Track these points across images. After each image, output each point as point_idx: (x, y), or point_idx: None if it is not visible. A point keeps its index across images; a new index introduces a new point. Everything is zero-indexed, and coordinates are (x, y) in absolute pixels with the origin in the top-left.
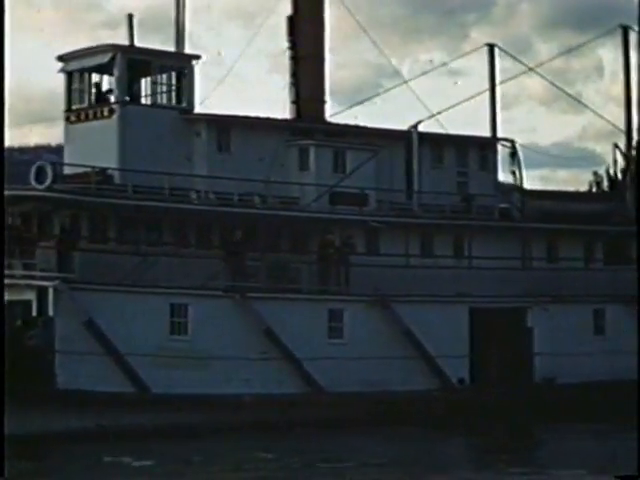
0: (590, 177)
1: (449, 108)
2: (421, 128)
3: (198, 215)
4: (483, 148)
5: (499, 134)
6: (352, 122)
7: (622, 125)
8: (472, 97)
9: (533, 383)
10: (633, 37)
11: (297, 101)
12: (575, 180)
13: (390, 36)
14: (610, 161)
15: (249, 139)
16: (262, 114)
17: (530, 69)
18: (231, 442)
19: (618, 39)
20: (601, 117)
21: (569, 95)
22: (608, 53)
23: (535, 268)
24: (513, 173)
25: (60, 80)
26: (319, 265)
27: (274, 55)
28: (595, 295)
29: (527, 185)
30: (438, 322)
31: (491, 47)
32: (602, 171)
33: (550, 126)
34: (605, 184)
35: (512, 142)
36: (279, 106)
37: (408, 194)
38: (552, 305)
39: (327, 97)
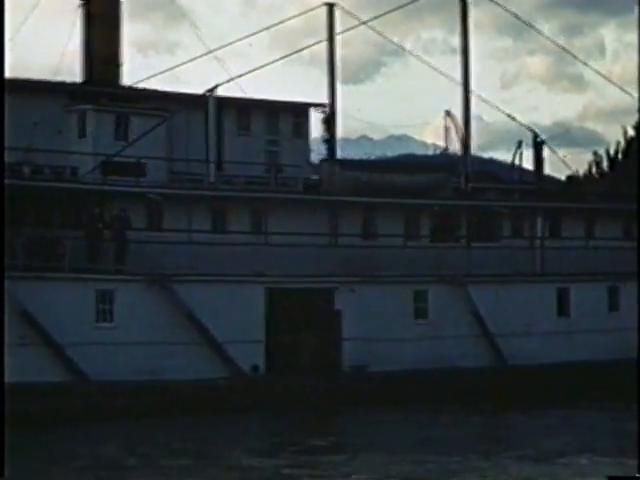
0: (590, 157)
1: (250, 72)
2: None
3: None
4: (297, 115)
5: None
6: None
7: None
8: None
9: (340, 371)
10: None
11: (89, 63)
12: (575, 160)
13: (391, 14)
14: (610, 141)
15: (24, 104)
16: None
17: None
18: None
19: (620, 19)
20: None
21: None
22: (611, 32)
23: (346, 245)
24: (326, 141)
25: None
26: (87, 242)
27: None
28: (416, 275)
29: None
30: (228, 304)
31: (330, 6)
32: (602, 151)
33: (551, 105)
34: (605, 164)
35: (324, 107)
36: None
37: (217, 164)
38: (363, 286)
39: (124, 60)
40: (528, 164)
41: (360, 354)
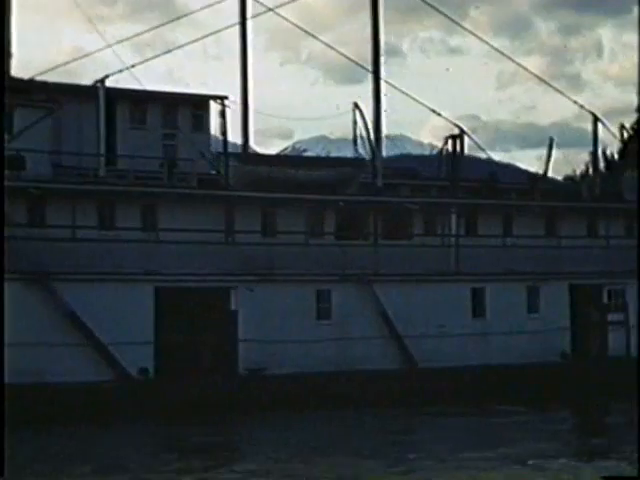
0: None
1: (145, 61)
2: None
3: None
4: (197, 107)
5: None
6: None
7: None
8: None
9: (235, 374)
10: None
11: None
12: (573, 160)
13: (388, 13)
14: (607, 141)
15: None
16: None
17: None
18: None
19: (618, 19)
20: None
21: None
22: (608, 32)
23: (243, 243)
24: (223, 134)
25: None
26: None
27: None
28: (319, 274)
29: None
30: (113, 304)
31: None
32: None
33: (548, 105)
34: (601, 165)
35: (222, 99)
36: None
37: (108, 158)
38: (262, 285)
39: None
40: (525, 164)
41: (257, 356)
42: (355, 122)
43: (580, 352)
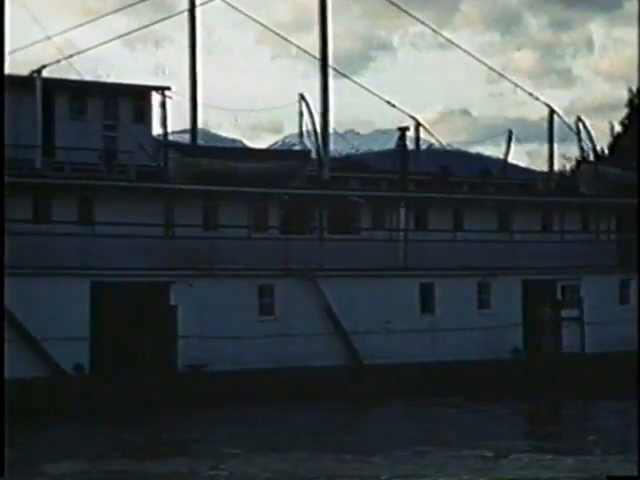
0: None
1: (80, 52)
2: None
3: None
4: (138, 99)
5: None
6: None
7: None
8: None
9: (174, 371)
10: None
11: None
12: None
13: (379, 8)
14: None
15: None
16: None
17: None
18: None
19: (609, 14)
20: None
21: None
22: (599, 28)
23: (183, 237)
24: (164, 125)
25: None
26: None
27: None
28: (262, 268)
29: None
30: (48, 299)
31: None
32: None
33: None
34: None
35: (163, 90)
36: None
37: (45, 150)
38: (203, 280)
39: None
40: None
41: (198, 352)
42: (301, 114)
43: (533, 349)
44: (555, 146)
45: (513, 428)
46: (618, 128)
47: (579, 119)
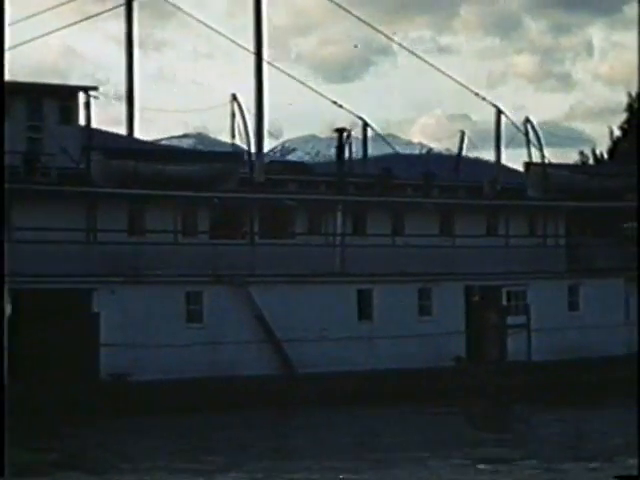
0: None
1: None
2: None
3: None
4: (64, 99)
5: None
6: None
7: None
8: None
9: (97, 380)
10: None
11: None
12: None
13: (378, 12)
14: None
15: None
16: None
17: None
18: None
19: (608, 18)
20: None
21: None
22: (598, 32)
23: (107, 242)
24: (87, 127)
25: None
26: None
27: None
28: (189, 275)
29: None
30: None
31: None
32: (588, 151)
33: (538, 105)
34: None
35: (87, 90)
36: None
37: None
38: (127, 287)
39: None
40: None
41: (121, 361)
42: (233, 115)
43: (476, 357)
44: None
45: (447, 436)
46: (618, 132)
47: (527, 120)
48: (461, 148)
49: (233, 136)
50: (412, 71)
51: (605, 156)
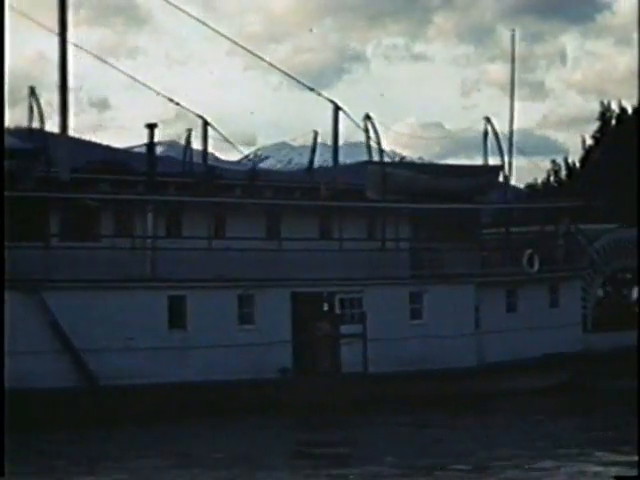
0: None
1: None
2: None
3: None
4: None
5: None
6: None
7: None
8: None
9: None
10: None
11: None
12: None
13: (353, 20)
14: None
15: None
16: None
17: None
18: None
19: (582, 27)
20: None
21: None
22: (572, 40)
23: None
24: None
25: None
26: None
27: None
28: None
29: None
30: None
31: None
32: (561, 160)
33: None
34: (563, 173)
35: None
36: None
37: None
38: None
39: None
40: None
41: None
42: (31, 109)
43: (304, 368)
44: None
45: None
46: (590, 141)
47: (367, 117)
48: (314, 150)
49: (31, 130)
50: (385, 78)
51: (577, 165)
